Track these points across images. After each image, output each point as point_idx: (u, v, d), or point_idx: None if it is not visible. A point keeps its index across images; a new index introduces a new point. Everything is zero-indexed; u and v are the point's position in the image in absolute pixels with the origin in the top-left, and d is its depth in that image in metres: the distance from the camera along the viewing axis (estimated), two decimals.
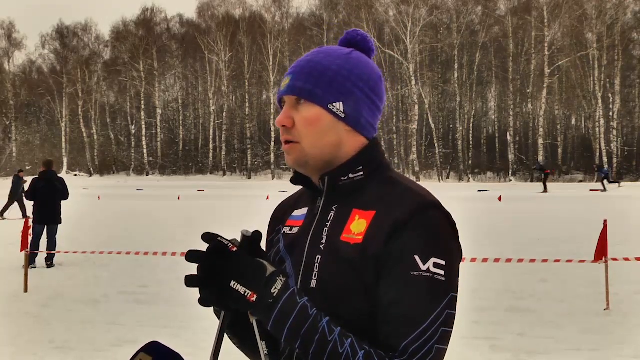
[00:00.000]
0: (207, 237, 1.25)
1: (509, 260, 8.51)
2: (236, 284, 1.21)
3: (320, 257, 1.34)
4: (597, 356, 5.84)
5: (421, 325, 1.22)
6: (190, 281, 1.23)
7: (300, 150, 1.36)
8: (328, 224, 1.37)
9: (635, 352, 5.94)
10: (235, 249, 1.24)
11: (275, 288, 1.22)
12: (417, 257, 1.25)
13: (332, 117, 1.36)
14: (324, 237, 1.35)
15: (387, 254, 1.26)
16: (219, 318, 1.31)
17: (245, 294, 1.21)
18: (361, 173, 1.38)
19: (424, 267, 1.24)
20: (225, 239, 1.25)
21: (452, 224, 1.34)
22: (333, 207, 1.38)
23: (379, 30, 66.95)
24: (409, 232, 1.26)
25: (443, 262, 1.26)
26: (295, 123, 1.37)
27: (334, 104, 1.36)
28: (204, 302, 1.23)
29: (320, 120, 1.36)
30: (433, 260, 1.25)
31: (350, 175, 1.38)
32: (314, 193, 1.43)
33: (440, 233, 1.29)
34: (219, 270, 1.22)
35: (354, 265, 1.29)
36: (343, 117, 1.37)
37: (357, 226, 1.32)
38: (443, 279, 1.25)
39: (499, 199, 31.48)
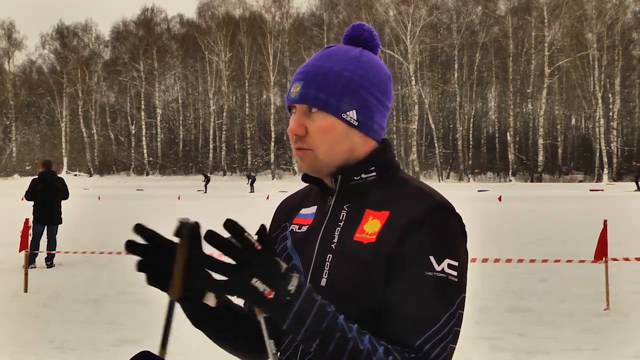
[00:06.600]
0: (236, 228, 1.14)
1: (509, 261, 8.50)
2: (257, 280, 1.15)
3: (331, 256, 1.33)
4: (597, 356, 5.84)
5: (435, 325, 1.22)
6: (219, 269, 1.15)
7: (315, 158, 1.35)
8: (340, 223, 1.36)
9: (635, 352, 5.93)
10: (259, 246, 1.18)
11: (292, 285, 1.17)
12: (432, 258, 1.25)
13: (346, 125, 1.35)
14: (336, 237, 1.35)
15: (401, 254, 1.26)
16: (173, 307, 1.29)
17: (264, 291, 1.15)
18: (374, 174, 1.38)
19: (438, 268, 1.25)
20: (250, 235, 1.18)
21: (463, 226, 1.34)
22: (344, 207, 1.38)
23: (379, 30, 66.88)
24: (424, 232, 1.27)
25: (456, 263, 1.27)
26: (309, 131, 1.35)
27: (347, 113, 1.35)
28: (227, 290, 1.16)
29: (335, 129, 1.35)
30: (447, 261, 1.26)
31: (363, 176, 1.37)
32: (324, 192, 1.43)
33: (453, 234, 1.30)
34: (246, 265, 1.15)
35: (367, 265, 1.28)
36: (356, 125, 1.36)
37: (371, 226, 1.32)
38: (456, 279, 1.26)
39: (499, 199, 31.51)
